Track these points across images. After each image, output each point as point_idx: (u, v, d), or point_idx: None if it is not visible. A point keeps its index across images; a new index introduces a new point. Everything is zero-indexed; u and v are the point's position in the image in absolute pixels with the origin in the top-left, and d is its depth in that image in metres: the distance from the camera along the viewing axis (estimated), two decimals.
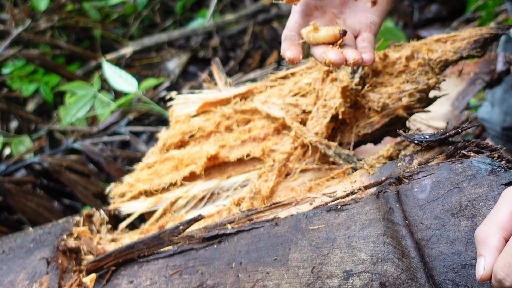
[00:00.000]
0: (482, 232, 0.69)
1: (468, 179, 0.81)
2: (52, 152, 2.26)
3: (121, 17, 3.49)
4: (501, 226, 0.68)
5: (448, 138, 0.89)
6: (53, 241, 1.20)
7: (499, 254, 0.66)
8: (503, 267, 0.64)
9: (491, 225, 0.69)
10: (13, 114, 2.48)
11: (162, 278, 1.00)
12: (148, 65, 3.33)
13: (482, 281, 0.68)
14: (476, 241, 0.70)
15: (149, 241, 1.04)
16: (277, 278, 0.87)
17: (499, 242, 0.67)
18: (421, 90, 1.17)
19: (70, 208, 2.30)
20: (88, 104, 2.08)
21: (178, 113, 1.44)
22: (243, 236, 0.96)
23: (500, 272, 0.64)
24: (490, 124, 1.81)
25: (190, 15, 3.50)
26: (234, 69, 3.12)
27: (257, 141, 1.31)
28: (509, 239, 0.66)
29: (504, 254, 0.65)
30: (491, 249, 0.67)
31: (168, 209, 1.30)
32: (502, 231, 0.67)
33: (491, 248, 0.67)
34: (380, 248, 0.80)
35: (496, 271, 0.65)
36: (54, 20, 2.90)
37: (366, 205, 0.87)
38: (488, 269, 0.67)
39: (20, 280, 1.13)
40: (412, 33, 3.00)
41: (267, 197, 1.11)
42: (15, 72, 2.73)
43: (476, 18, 2.76)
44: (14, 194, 1.88)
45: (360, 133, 1.21)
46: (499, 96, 1.73)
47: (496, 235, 0.67)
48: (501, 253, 0.66)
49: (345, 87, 1.18)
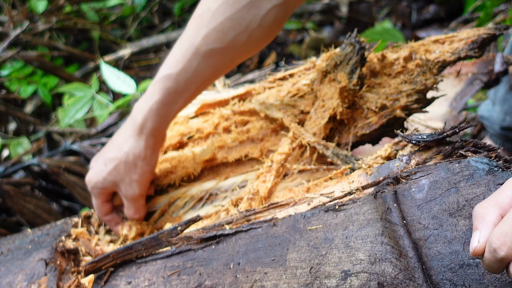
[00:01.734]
0: (481, 207, 0.69)
1: (466, 179, 0.81)
2: (50, 154, 2.26)
3: (119, 18, 3.49)
4: (501, 206, 0.67)
5: (446, 138, 0.89)
6: (52, 242, 1.20)
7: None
8: (499, 236, 0.63)
9: (491, 202, 0.68)
10: (12, 116, 2.48)
11: (160, 279, 1.00)
12: (146, 67, 3.33)
13: (476, 255, 0.68)
14: (473, 216, 0.70)
15: (147, 242, 1.04)
16: (275, 278, 0.87)
17: (497, 218, 0.67)
18: (419, 90, 1.18)
19: (69, 210, 2.30)
20: (86, 105, 2.08)
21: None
22: (241, 236, 0.96)
23: (495, 240, 0.64)
24: (489, 123, 1.81)
25: (188, 17, 3.49)
26: (232, 70, 3.12)
27: (255, 142, 1.31)
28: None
29: (501, 224, 0.64)
30: (488, 223, 0.67)
31: (166, 210, 1.31)
32: (501, 210, 0.67)
33: (488, 223, 0.67)
34: (378, 248, 0.80)
35: (491, 240, 0.64)
36: (52, 21, 2.89)
37: (364, 205, 0.87)
38: (482, 241, 0.66)
39: (18, 282, 1.13)
40: (410, 34, 3.01)
41: (265, 197, 1.11)
42: (13, 73, 2.73)
43: (474, 19, 2.77)
44: (12, 196, 1.88)
45: (358, 133, 1.21)
46: (501, 95, 1.73)
47: (495, 212, 0.67)
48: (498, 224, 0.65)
49: (343, 87, 1.18)
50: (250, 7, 1.08)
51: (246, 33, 1.10)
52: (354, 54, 1.21)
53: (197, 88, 1.16)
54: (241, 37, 1.11)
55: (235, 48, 1.12)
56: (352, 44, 1.22)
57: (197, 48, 1.11)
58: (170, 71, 1.13)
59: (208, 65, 1.13)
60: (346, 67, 1.21)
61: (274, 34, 1.15)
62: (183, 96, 1.15)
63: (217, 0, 1.09)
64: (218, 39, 1.10)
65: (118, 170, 1.18)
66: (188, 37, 1.13)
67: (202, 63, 1.12)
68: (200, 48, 1.11)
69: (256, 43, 1.14)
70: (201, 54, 1.12)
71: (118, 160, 1.18)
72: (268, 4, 1.08)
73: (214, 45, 1.11)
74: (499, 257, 0.64)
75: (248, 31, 1.10)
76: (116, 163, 1.18)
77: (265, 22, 1.10)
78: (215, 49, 1.11)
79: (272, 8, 1.08)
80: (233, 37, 1.10)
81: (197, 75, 1.13)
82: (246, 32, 1.10)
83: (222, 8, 1.09)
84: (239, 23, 1.09)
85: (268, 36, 1.14)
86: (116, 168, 1.18)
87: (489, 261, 0.66)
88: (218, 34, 1.10)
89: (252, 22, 1.09)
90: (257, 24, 1.10)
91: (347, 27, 3.19)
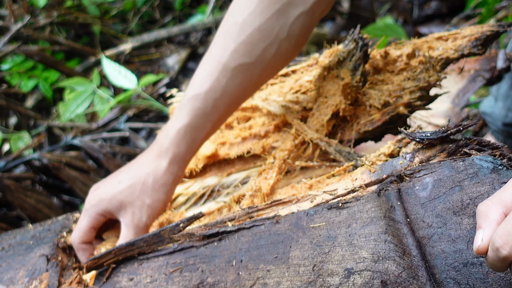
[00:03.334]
0: (485, 206, 0.69)
1: (470, 177, 0.81)
2: (51, 148, 2.26)
3: (120, 13, 3.48)
4: (505, 204, 0.67)
5: (450, 136, 0.89)
6: (53, 238, 1.20)
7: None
8: (502, 235, 0.63)
9: (495, 200, 0.68)
10: (12, 110, 2.48)
11: (162, 276, 1.00)
12: (147, 61, 3.33)
13: (479, 253, 0.68)
14: (477, 215, 0.70)
15: (149, 238, 1.04)
16: (277, 276, 0.87)
17: (500, 216, 0.67)
18: (422, 87, 1.17)
19: (69, 204, 2.30)
20: (87, 100, 2.08)
21: None
22: (244, 233, 0.95)
23: (498, 240, 0.64)
24: (492, 119, 1.81)
25: (189, 11, 3.49)
26: None
27: (258, 138, 1.30)
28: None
29: (505, 223, 0.64)
30: (492, 222, 0.67)
31: (168, 206, 1.30)
32: (505, 208, 0.67)
33: (492, 221, 0.67)
34: (381, 246, 0.80)
35: (494, 239, 0.64)
36: (53, 16, 2.89)
37: (367, 203, 0.86)
38: (486, 240, 0.66)
39: (19, 277, 1.13)
40: (412, 30, 3.00)
41: (267, 194, 1.11)
42: (14, 68, 2.73)
43: (476, 15, 2.76)
44: (13, 190, 1.88)
45: (360, 130, 1.20)
46: (504, 91, 1.73)
47: (499, 210, 0.67)
48: (501, 223, 0.65)
49: (346, 84, 1.18)
50: (278, 16, 1.07)
51: (275, 44, 1.09)
52: (357, 50, 1.21)
53: (225, 111, 1.13)
54: (270, 50, 1.09)
55: (263, 63, 1.10)
56: (355, 41, 1.22)
57: (225, 65, 1.09)
58: (198, 91, 1.10)
59: (236, 83, 1.10)
60: (349, 64, 1.21)
61: (301, 45, 1.14)
62: (211, 119, 1.11)
63: (244, 12, 1.07)
64: (247, 53, 1.08)
65: (132, 189, 1.12)
66: (215, 55, 1.10)
67: (231, 80, 1.09)
68: (228, 64, 1.09)
69: (284, 55, 1.13)
70: (230, 71, 1.09)
71: (136, 179, 1.12)
72: (295, 11, 1.07)
73: (243, 60, 1.08)
74: (502, 256, 0.64)
75: (277, 42, 1.09)
76: (133, 181, 1.12)
77: (292, 32, 1.09)
78: (244, 65, 1.09)
79: (299, 15, 1.07)
80: (262, 49, 1.08)
81: (225, 93, 1.10)
82: (275, 43, 1.09)
83: (250, 19, 1.07)
84: (268, 33, 1.07)
85: (295, 47, 1.13)
86: (131, 187, 1.12)
87: (492, 259, 0.66)
88: (247, 47, 1.08)
89: (281, 32, 1.08)
90: (285, 34, 1.08)
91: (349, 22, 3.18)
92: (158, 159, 1.12)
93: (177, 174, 1.14)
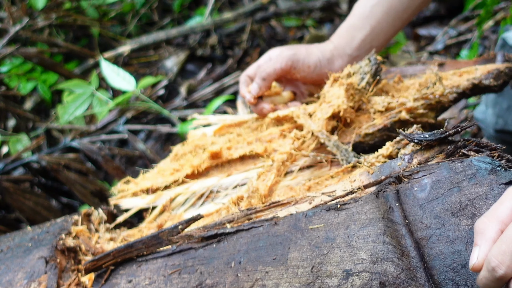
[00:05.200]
0: (481, 223, 0.69)
1: (468, 179, 0.81)
2: (50, 151, 2.26)
3: (119, 15, 3.48)
4: (501, 220, 0.68)
5: (448, 137, 0.89)
6: (52, 240, 1.20)
7: None
8: (497, 255, 0.64)
9: (491, 217, 0.69)
10: (11, 113, 2.47)
11: (161, 278, 1.00)
12: (146, 63, 3.33)
13: (474, 271, 0.68)
14: (474, 232, 0.70)
15: (148, 240, 1.04)
16: (276, 277, 0.87)
17: (496, 234, 0.67)
18: (426, 97, 1.19)
19: (68, 207, 2.30)
20: (86, 102, 2.08)
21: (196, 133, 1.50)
22: (242, 235, 0.95)
23: (494, 259, 0.64)
24: (484, 125, 1.81)
25: (188, 13, 3.49)
26: (232, 67, 3.11)
27: (262, 142, 1.31)
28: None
29: (499, 243, 0.65)
30: (488, 239, 0.67)
31: (168, 206, 1.30)
32: (501, 225, 0.67)
33: (488, 239, 0.67)
34: (379, 248, 0.80)
35: (490, 258, 0.65)
36: (51, 18, 2.89)
37: (365, 205, 0.86)
38: (481, 258, 0.67)
39: (18, 280, 1.13)
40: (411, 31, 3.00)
41: (265, 195, 1.11)
42: (13, 70, 2.72)
43: (474, 16, 2.76)
44: (12, 193, 1.88)
45: (361, 133, 1.21)
46: (492, 98, 1.73)
47: (495, 228, 0.68)
48: (496, 242, 0.66)
49: (350, 83, 1.19)
50: None
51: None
52: (369, 68, 1.24)
53: (382, 17, 1.35)
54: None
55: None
56: (369, 60, 1.27)
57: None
58: (359, 1, 1.40)
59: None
60: (358, 75, 1.24)
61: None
62: (370, 23, 1.35)
63: None
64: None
65: (298, 47, 1.36)
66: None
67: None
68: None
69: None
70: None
71: (311, 49, 1.38)
72: None
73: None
74: (498, 276, 0.64)
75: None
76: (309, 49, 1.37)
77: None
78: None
79: None
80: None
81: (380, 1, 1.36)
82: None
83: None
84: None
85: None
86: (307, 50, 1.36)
87: (486, 279, 0.66)
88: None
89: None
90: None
91: None
92: (326, 43, 1.40)
93: (332, 53, 1.37)
